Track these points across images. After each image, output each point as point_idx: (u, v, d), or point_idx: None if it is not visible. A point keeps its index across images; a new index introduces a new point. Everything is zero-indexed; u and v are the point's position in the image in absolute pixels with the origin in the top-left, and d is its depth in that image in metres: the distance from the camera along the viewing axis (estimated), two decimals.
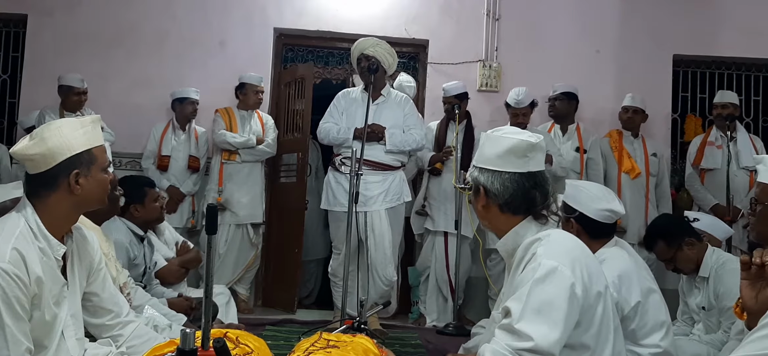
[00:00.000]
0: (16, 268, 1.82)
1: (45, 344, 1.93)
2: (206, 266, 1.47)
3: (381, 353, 2.10)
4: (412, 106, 4.81)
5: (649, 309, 2.57)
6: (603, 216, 2.65)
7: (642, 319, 2.55)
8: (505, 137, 2.02)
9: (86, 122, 2.08)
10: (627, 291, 2.53)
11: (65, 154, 1.98)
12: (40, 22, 5.69)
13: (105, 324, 2.21)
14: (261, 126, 5.49)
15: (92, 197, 2.04)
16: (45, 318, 1.90)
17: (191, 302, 3.55)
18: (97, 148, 2.06)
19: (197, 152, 5.47)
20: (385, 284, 4.56)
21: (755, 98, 6.14)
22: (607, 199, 2.68)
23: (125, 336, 2.24)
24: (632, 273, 2.59)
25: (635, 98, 5.43)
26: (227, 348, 1.47)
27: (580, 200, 2.67)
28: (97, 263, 2.20)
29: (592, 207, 2.65)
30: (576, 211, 2.65)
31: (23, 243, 1.87)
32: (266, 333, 4.29)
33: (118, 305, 2.27)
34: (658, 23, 5.90)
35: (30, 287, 1.85)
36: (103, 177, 2.07)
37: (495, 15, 5.86)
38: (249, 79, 5.46)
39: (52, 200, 1.98)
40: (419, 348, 4.29)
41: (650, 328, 2.56)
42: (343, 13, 5.80)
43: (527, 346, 1.74)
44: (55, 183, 1.98)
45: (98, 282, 2.20)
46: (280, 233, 5.55)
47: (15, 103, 5.78)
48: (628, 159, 5.32)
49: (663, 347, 2.55)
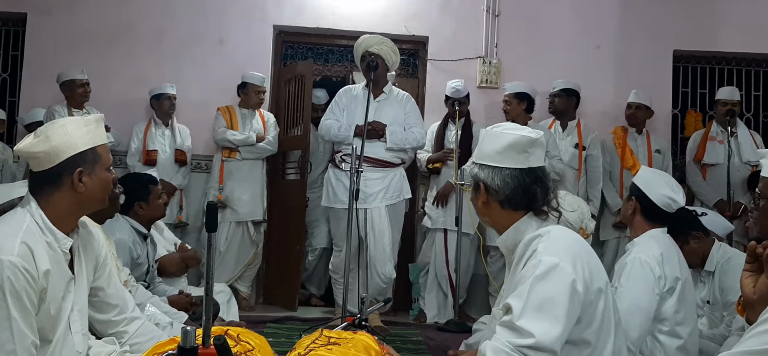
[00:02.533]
0: (25, 262, 1.82)
1: (50, 337, 1.93)
2: (207, 263, 1.47)
3: (382, 350, 2.10)
4: (414, 104, 4.81)
5: (686, 296, 2.65)
6: (664, 203, 2.76)
7: (679, 304, 2.63)
8: (505, 133, 2.02)
9: (90, 120, 2.08)
10: (669, 269, 2.64)
11: (69, 152, 1.98)
12: (39, 21, 5.68)
13: (110, 319, 2.22)
14: (262, 124, 5.49)
15: (95, 195, 2.04)
16: (51, 311, 1.91)
17: (191, 299, 3.55)
18: (101, 147, 2.06)
19: (182, 145, 5.47)
20: (384, 281, 4.57)
21: (755, 93, 6.14)
22: (675, 189, 2.80)
23: (130, 333, 2.24)
24: (674, 258, 2.71)
25: (640, 95, 5.42)
26: (228, 346, 1.47)
27: (647, 182, 2.81)
28: (103, 258, 2.20)
29: (656, 191, 2.77)
30: (640, 191, 2.80)
31: (31, 237, 1.88)
32: (267, 331, 4.30)
33: (123, 300, 2.28)
34: (658, 19, 5.89)
35: (38, 280, 1.85)
36: (107, 176, 2.07)
37: (494, 11, 5.85)
38: (251, 79, 5.45)
39: (55, 198, 1.98)
40: (420, 344, 4.30)
41: (682, 317, 2.63)
42: (343, 11, 5.79)
43: (528, 343, 1.74)
44: (58, 181, 1.98)
45: (104, 277, 2.20)
46: (282, 230, 5.55)
47: (15, 101, 5.78)
48: (631, 156, 5.32)
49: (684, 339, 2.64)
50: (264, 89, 5.52)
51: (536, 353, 1.74)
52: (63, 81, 5.24)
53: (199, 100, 5.61)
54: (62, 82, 5.24)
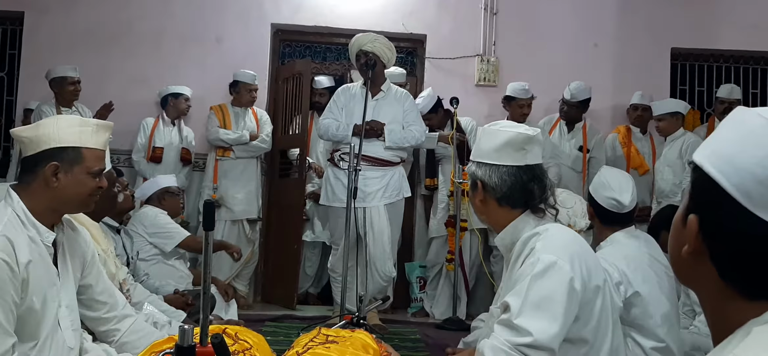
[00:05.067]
0: (5, 253, 1.78)
1: (38, 334, 1.89)
2: (204, 262, 1.47)
3: (380, 348, 2.10)
4: (412, 102, 4.80)
5: (651, 301, 2.59)
6: (609, 204, 2.73)
7: (646, 309, 2.57)
8: (501, 130, 2.02)
9: (90, 122, 2.05)
10: (632, 275, 2.58)
11: (50, 144, 1.95)
12: (37, 20, 5.67)
13: (101, 317, 2.20)
14: (255, 122, 5.49)
15: (69, 196, 1.99)
16: (35, 304, 1.86)
17: (187, 298, 3.55)
18: (90, 150, 2.00)
19: (188, 145, 5.48)
20: (384, 280, 4.57)
21: (753, 91, 6.14)
22: (620, 189, 2.74)
23: (122, 330, 2.23)
24: (641, 261, 2.65)
25: (644, 96, 5.42)
26: (225, 344, 1.47)
27: (595, 186, 2.81)
28: (90, 257, 2.18)
29: (601, 194, 2.75)
30: (591, 195, 2.82)
31: (11, 230, 1.84)
32: (266, 329, 4.30)
33: (113, 297, 2.26)
34: (656, 16, 5.90)
35: (19, 273, 1.80)
36: (87, 181, 2.00)
37: (493, 9, 5.85)
38: (242, 77, 5.44)
39: (32, 188, 1.96)
40: (418, 342, 4.30)
41: (655, 321, 2.58)
42: (340, 9, 5.79)
43: (527, 341, 1.74)
44: (34, 171, 1.96)
45: (93, 275, 2.18)
46: (280, 229, 5.54)
47: (12, 100, 5.77)
48: (636, 155, 5.34)
49: (666, 342, 2.58)
50: (256, 87, 5.50)
51: (535, 351, 1.74)
52: (53, 78, 5.14)
53: (198, 98, 5.60)
54: (52, 78, 5.15)
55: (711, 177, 0.83)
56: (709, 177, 0.84)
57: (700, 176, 0.86)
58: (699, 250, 0.85)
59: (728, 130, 0.86)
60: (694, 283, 0.90)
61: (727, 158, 0.83)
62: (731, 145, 0.84)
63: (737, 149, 0.82)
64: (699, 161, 0.86)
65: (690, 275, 0.89)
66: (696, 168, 0.87)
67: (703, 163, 0.85)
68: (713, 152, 0.85)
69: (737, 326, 0.82)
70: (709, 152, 0.86)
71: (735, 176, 0.81)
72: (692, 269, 0.87)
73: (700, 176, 0.86)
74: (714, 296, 0.86)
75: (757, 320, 0.80)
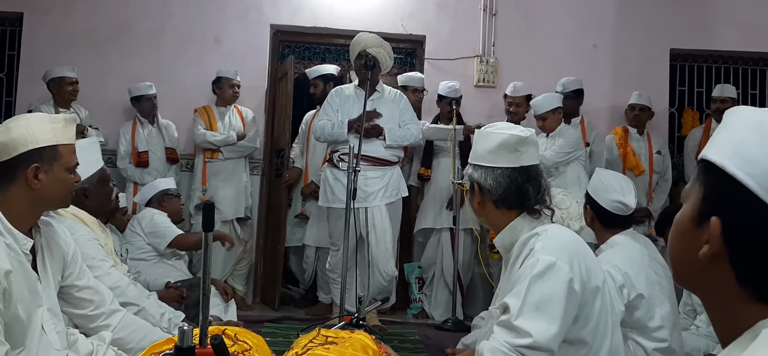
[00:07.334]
0: None
1: (25, 342, 1.88)
2: (203, 263, 1.46)
3: (379, 349, 2.10)
4: (407, 101, 4.81)
5: (654, 303, 2.60)
6: (614, 207, 2.73)
7: (649, 311, 2.57)
8: (495, 132, 2.03)
9: (59, 118, 2.03)
10: (635, 277, 2.60)
11: (27, 146, 1.92)
12: (36, 21, 5.67)
13: (87, 314, 2.19)
14: (241, 121, 5.47)
15: (51, 195, 1.98)
16: (20, 314, 1.85)
17: (182, 291, 3.54)
18: (65, 146, 1.99)
19: (171, 143, 5.44)
20: (386, 279, 4.57)
21: (752, 92, 6.15)
22: (623, 191, 2.75)
23: (112, 325, 2.21)
24: (642, 263, 2.66)
25: (642, 96, 5.42)
26: (225, 346, 1.47)
27: (596, 188, 2.79)
28: (71, 256, 2.15)
29: (605, 197, 2.74)
30: (592, 198, 2.79)
31: None
32: (265, 330, 4.30)
33: (99, 294, 2.24)
34: (655, 17, 5.90)
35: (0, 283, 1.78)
36: (66, 177, 2.00)
37: (492, 10, 5.85)
38: (225, 73, 5.41)
39: (11, 193, 1.92)
40: (418, 343, 4.30)
41: (658, 322, 2.58)
42: (340, 10, 5.79)
43: (526, 343, 1.74)
44: (13, 175, 1.92)
45: (75, 274, 2.16)
46: (276, 229, 5.54)
47: (11, 101, 5.77)
48: (633, 156, 5.32)
49: (668, 343, 2.58)
50: (238, 83, 5.45)
51: (534, 352, 1.74)
52: (51, 78, 5.13)
53: (197, 98, 5.59)
54: (50, 79, 5.13)
55: (735, 179, 0.82)
56: (730, 179, 0.82)
57: (718, 178, 0.84)
58: (720, 253, 0.83)
59: (748, 131, 0.84)
60: (704, 285, 0.88)
61: (752, 160, 0.81)
62: (754, 147, 0.82)
63: (762, 151, 0.82)
64: (720, 162, 0.84)
65: (701, 277, 0.87)
66: (710, 169, 0.85)
67: (725, 164, 0.83)
68: (735, 154, 0.83)
69: (747, 328, 0.81)
70: (731, 153, 0.84)
71: (764, 178, 0.80)
72: (706, 271, 0.86)
73: (719, 178, 0.84)
74: (726, 298, 0.84)
75: (766, 321, 0.80)
